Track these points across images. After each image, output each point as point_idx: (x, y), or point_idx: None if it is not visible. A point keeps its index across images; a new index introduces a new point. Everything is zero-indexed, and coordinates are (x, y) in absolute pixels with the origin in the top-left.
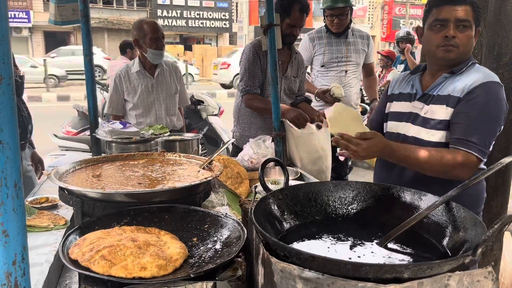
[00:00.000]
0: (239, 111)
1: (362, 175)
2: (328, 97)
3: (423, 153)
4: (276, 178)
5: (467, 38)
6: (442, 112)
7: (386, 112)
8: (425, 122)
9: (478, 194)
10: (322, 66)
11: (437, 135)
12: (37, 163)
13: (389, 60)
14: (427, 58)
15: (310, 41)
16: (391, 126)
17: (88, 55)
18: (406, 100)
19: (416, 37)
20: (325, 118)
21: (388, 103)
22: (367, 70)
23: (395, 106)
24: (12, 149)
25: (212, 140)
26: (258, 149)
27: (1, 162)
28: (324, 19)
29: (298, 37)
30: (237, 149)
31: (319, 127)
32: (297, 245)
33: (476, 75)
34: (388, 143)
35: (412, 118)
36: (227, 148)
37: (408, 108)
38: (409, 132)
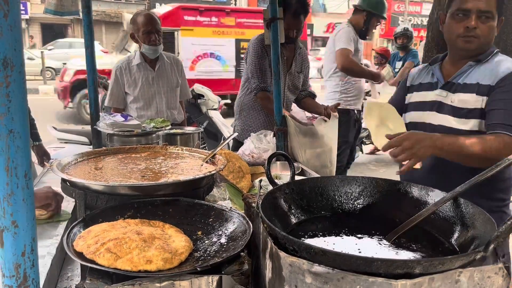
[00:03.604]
0: (241, 105)
1: (360, 171)
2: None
3: (471, 140)
4: (278, 173)
5: (489, 28)
6: (472, 100)
7: (406, 103)
8: (454, 111)
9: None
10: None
11: (469, 124)
12: (42, 155)
13: (383, 58)
14: (448, 47)
15: (354, 35)
16: (414, 116)
17: (89, 47)
18: (427, 89)
19: (414, 33)
20: (333, 112)
21: (408, 94)
22: None
23: (416, 97)
24: (23, 138)
25: (212, 134)
26: (260, 143)
27: (12, 152)
28: (368, 22)
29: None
30: (237, 143)
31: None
32: (304, 240)
33: (506, 64)
34: (433, 134)
35: (437, 106)
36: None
37: (430, 97)
38: (436, 121)
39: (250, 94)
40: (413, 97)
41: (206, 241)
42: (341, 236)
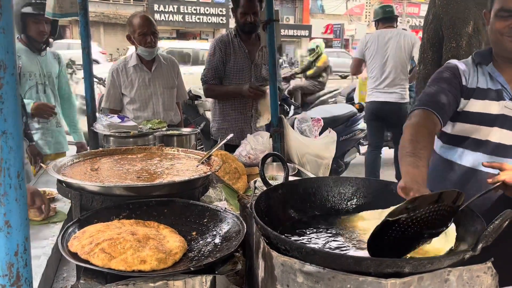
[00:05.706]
0: (214, 105)
1: (358, 172)
2: None
3: None
4: (273, 174)
5: None
6: None
7: (458, 110)
8: None
9: None
10: None
11: None
12: (36, 156)
13: None
14: (497, 49)
15: None
16: (468, 130)
17: (86, 48)
18: (490, 98)
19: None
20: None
21: (464, 100)
22: None
23: (474, 105)
24: (16, 139)
25: (209, 136)
26: (256, 144)
27: (4, 152)
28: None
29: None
30: (215, 144)
31: None
32: (297, 239)
33: None
34: None
35: (503, 121)
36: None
37: (495, 109)
38: (501, 139)
39: None
40: (470, 105)
41: (201, 242)
42: (334, 236)
